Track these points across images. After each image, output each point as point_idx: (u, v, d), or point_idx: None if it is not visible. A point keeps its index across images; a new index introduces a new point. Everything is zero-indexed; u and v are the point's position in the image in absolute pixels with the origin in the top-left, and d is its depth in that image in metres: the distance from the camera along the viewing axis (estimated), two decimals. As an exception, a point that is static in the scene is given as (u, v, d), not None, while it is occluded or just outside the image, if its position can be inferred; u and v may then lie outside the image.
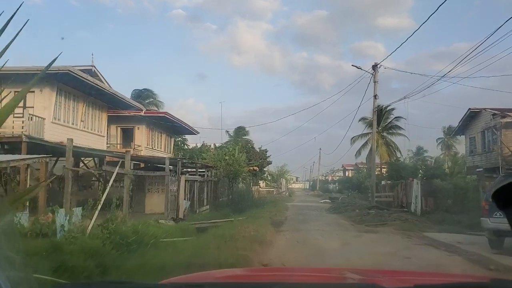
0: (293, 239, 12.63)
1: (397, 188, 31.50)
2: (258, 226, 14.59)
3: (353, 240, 12.70)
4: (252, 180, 43.14)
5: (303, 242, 11.81)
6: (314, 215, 22.53)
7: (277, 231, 14.79)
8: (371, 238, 13.41)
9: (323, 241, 12.17)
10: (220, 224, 16.60)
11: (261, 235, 12.19)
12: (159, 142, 34.25)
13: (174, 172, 19.95)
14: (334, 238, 13.26)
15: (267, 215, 20.57)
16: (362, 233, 14.96)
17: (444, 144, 70.22)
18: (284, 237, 13.00)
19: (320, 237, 13.20)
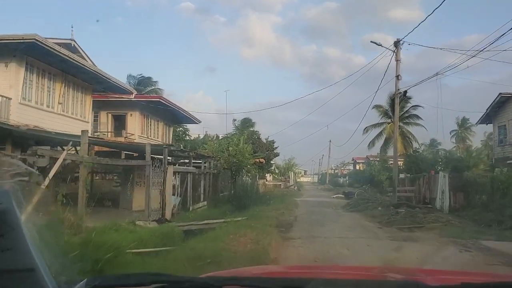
0: (309, 255, 8.48)
1: (419, 182, 27.63)
2: (260, 231, 10.55)
3: (395, 255, 8.54)
4: (258, 173, 39.06)
5: (324, 260, 7.66)
6: (329, 214, 18.39)
7: (285, 239, 10.70)
8: (418, 251, 9.27)
9: (353, 259, 8.08)
10: (214, 226, 12.63)
11: (261, 248, 8.14)
12: (155, 130, 30.24)
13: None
14: (366, 251, 9.16)
15: (273, 214, 16.50)
16: (399, 241, 10.81)
17: (458, 136, 66.11)
18: (295, 251, 8.85)
19: (345, 251, 9.10)
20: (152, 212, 14.43)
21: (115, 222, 11.25)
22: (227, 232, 9.91)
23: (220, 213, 18.11)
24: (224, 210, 20.21)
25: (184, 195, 18.06)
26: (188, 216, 15.89)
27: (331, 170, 79.32)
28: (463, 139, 64.82)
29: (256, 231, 10.54)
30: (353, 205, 20.70)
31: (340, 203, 24.88)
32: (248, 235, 9.50)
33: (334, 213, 18.41)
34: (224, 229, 10.57)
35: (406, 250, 9.36)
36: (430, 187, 24.73)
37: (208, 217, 16.03)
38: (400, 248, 9.52)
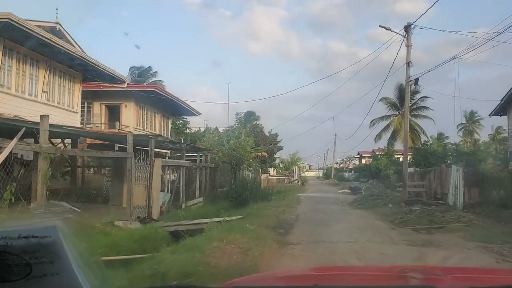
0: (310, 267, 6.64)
1: (429, 176, 25.82)
2: (254, 235, 8.71)
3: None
4: (261, 167, 37.24)
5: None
6: (335, 211, 16.45)
7: (282, 244, 8.80)
8: (444, 261, 7.39)
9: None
10: (204, 227, 10.82)
11: (250, 260, 6.28)
12: (152, 122, 28.43)
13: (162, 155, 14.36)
14: (381, 263, 7.29)
15: (273, 212, 14.67)
16: (419, 247, 8.90)
17: (466, 130, 64.00)
18: (293, 263, 6.93)
19: (355, 261, 7.23)
20: (135, 210, 12.65)
21: (88, 223, 9.62)
22: (213, 237, 8.07)
23: (216, 211, 16.37)
24: (221, 207, 18.46)
25: (176, 191, 16.27)
26: (179, 214, 14.10)
27: (336, 165, 77.26)
28: (471, 132, 62.87)
29: (249, 234, 8.71)
30: (360, 202, 18.81)
31: (346, 199, 22.97)
32: (237, 241, 7.67)
33: (340, 211, 16.50)
34: (210, 234, 8.73)
35: (430, 260, 7.48)
36: (442, 182, 23.00)
37: (201, 216, 14.24)
38: (422, 257, 7.65)
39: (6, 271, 1.11)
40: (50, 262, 1.11)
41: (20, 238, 1.09)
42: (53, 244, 1.11)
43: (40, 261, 1.11)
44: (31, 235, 1.10)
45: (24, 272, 1.12)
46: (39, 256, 1.11)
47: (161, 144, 15.34)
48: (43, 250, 1.11)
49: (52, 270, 1.12)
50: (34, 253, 1.11)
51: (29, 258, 1.11)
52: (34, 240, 1.10)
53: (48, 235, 1.11)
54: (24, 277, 1.12)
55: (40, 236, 1.11)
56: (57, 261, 1.12)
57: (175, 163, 15.85)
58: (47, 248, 1.11)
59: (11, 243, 1.08)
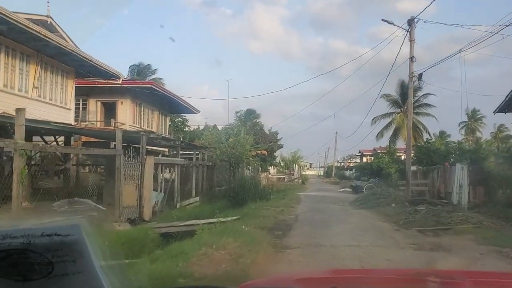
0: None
1: (432, 174, 24.95)
2: (247, 239, 7.98)
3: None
4: (261, 165, 36.50)
5: None
6: (336, 211, 15.66)
7: (279, 248, 8.02)
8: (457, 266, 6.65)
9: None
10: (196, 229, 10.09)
11: (240, 269, 5.53)
12: (149, 120, 27.69)
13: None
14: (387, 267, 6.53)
15: (271, 212, 13.95)
16: (427, 252, 8.12)
17: (468, 128, 63.13)
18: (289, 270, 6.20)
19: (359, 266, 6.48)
20: (125, 211, 11.93)
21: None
22: (202, 241, 7.32)
23: (212, 211, 15.66)
24: (218, 207, 17.76)
25: (170, 190, 15.53)
26: (173, 215, 13.41)
27: (337, 163, 76.36)
28: (473, 130, 62.03)
29: (242, 238, 7.96)
30: (362, 201, 18.04)
31: (347, 198, 22.21)
32: (228, 246, 6.92)
33: (342, 211, 15.73)
34: (200, 237, 7.97)
35: (441, 267, 6.72)
36: (445, 181, 22.20)
37: (196, 216, 13.51)
38: (432, 264, 6.88)
39: (28, 270, 1.09)
40: (72, 261, 1.09)
41: (43, 236, 1.06)
42: (76, 242, 1.08)
43: (62, 259, 1.09)
44: (54, 233, 1.07)
45: (46, 271, 1.09)
46: (61, 255, 1.08)
47: (155, 141, 14.58)
48: (66, 248, 1.08)
49: (74, 269, 1.10)
50: (57, 252, 1.08)
51: (51, 257, 1.08)
52: (57, 238, 1.06)
53: (72, 233, 1.08)
54: (46, 276, 1.10)
55: (63, 234, 1.07)
56: (79, 260, 1.09)
57: (169, 161, 15.11)
58: (70, 246, 1.08)
59: (33, 241, 1.05)
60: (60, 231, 1.07)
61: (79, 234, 1.08)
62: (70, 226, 1.09)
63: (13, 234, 1.06)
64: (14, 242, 1.05)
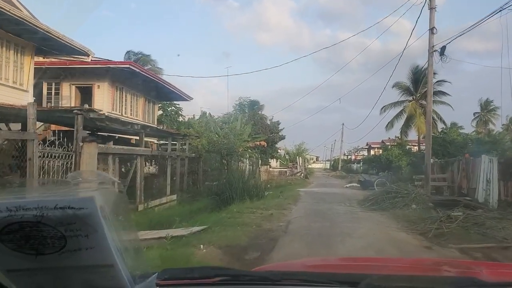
0: None
1: (452, 168, 21.32)
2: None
3: None
4: (261, 158, 32.78)
5: None
6: (341, 216, 11.58)
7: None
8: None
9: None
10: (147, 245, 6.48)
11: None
12: (133, 107, 24.02)
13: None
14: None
15: (255, 218, 10.24)
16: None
17: (480, 120, 59.23)
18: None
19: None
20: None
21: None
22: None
23: (189, 213, 12.22)
24: (199, 207, 14.24)
25: (132, 188, 11.90)
26: (134, 220, 9.72)
27: (343, 156, 72.23)
28: (485, 122, 58.17)
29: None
30: (374, 200, 14.23)
31: (355, 196, 18.37)
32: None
33: (349, 215, 11.76)
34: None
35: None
36: (468, 175, 18.64)
37: (160, 222, 9.89)
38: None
39: (41, 243, 1.04)
40: (85, 236, 1.04)
41: (56, 209, 1.00)
42: (89, 216, 1.02)
43: (75, 233, 1.03)
44: (67, 205, 1.01)
45: (58, 245, 1.05)
46: (74, 229, 1.03)
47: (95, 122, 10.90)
48: (79, 222, 1.02)
49: (87, 244, 1.05)
50: (70, 225, 1.02)
51: (64, 231, 1.03)
52: (71, 212, 1.01)
53: (85, 206, 1.01)
54: (59, 251, 1.05)
55: (76, 207, 1.01)
56: (92, 235, 1.04)
57: (125, 150, 11.36)
58: (83, 220, 1.02)
59: (46, 214, 1.00)
60: (73, 204, 1.01)
61: (92, 207, 1.01)
62: (83, 199, 1.04)
63: (26, 206, 1.00)
64: (27, 214, 0.99)
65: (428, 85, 17.51)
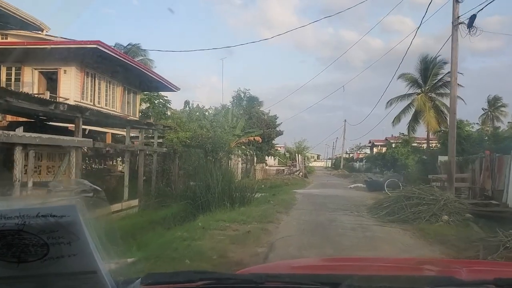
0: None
1: (472, 166, 18.03)
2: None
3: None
4: (257, 155, 29.25)
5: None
6: (348, 233, 7.83)
7: None
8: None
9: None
10: None
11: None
12: (109, 96, 20.53)
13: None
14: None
15: (224, 239, 6.76)
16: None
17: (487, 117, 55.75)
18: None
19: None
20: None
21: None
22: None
23: (138, 228, 8.74)
24: (163, 216, 10.78)
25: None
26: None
27: (345, 154, 68.41)
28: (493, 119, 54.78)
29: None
30: (389, 208, 10.49)
31: (362, 199, 14.78)
32: None
33: (359, 232, 7.92)
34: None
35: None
36: (493, 175, 15.32)
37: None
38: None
39: (23, 251, 1.02)
40: (68, 243, 1.01)
41: (38, 217, 0.98)
42: (72, 224, 0.99)
43: (58, 241, 1.01)
44: (49, 213, 0.98)
45: (41, 253, 1.02)
46: (57, 236, 1.01)
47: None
48: (61, 230, 1.00)
49: (69, 251, 1.02)
50: (52, 233, 1.00)
51: (46, 238, 1.00)
52: (53, 220, 0.98)
53: (67, 214, 0.99)
54: (41, 258, 1.03)
55: (58, 215, 0.98)
56: (75, 242, 1.01)
57: (44, 140, 7.77)
58: (66, 228, 1.00)
59: (29, 222, 0.98)
60: (55, 212, 0.98)
61: (75, 215, 0.99)
62: (65, 207, 1.00)
63: (8, 215, 0.98)
64: (9, 222, 0.97)
65: (452, 66, 13.91)
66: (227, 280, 1.44)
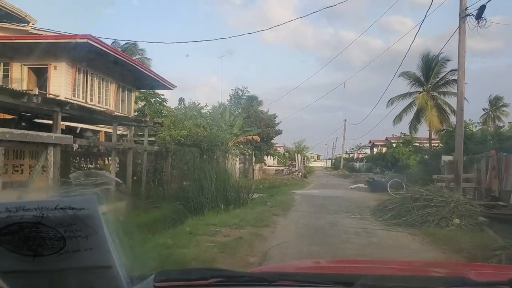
0: None
1: (478, 166, 16.90)
2: None
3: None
4: (255, 155, 28.43)
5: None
6: (352, 238, 6.97)
7: None
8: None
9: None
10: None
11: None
12: (102, 94, 19.68)
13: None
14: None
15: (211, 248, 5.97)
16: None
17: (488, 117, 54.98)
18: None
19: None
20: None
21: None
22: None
23: (127, 230, 7.69)
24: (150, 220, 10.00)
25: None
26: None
27: (345, 154, 67.47)
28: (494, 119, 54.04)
29: None
30: (394, 210, 9.64)
31: (364, 200, 13.97)
32: None
33: (363, 237, 6.94)
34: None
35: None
36: (500, 175, 14.29)
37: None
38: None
39: (40, 244, 0.98)
40: (85, 237, 0.98)
41: (56, 210, 0.95)
42: (89, 217, 0.97)
43: (75, 235, 0.98)
44: (68, 206, 0.95)
45: (57, 246, 0.99)
46: (74, 230, 0.98)
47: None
48: (79, 223, 0.97)
49: (86, 245, 1.00)
50: (70, 226, 0.97)
51: (64, 231, 0.98)
52: (71, 212, 0.95)
53: (86, 207, 0.96)
54: (57, 252, 0.99)
55: (77, 208, 0.96)
56: (92, 236, 0.99)
57: (17, 137, 6.85)
58: (83, 221, 0.97)
59: (47, 215, 0.95)
60: (74, 204, 0.95)
61: (93, 208, 0.97)
62: (84, 200, 0.97)
63: (26, 206, 0.94)
64: (27, 214, 0.94)
65: (459, 59, 13.07)
66: (239, 278, 1.41)
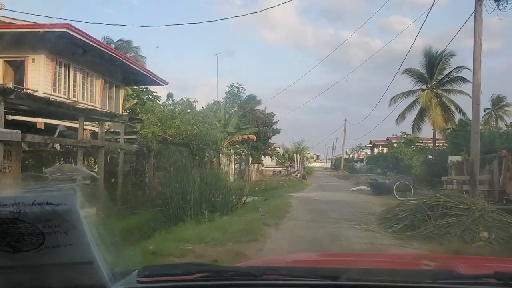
0: None
1: (490, 167, 15.56)
2: None
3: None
4: (252, 155, 26.87)
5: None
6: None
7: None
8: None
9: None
10: None
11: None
12: (86, 89, 18.20)
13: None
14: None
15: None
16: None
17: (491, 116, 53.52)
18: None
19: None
20: None
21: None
22: None
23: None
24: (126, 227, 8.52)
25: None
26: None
27: (346, 155, 65.81)
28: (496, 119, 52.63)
29: None
30: (406, 219, 8.11)
31: (369, 205, 12.39)
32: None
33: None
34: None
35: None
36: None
37: None
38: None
39: (18, 240, 0.97)
40: (64, 232, 0.97)
41: (34, 205, 0.94)
42: (68, 212, 0.95)
43: (54, 230, 0.96)
44: (45, 201, 0.94)
45: (36, 242, 0.98)
46: (53, 225, 0.96)
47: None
48: (57, 218, 0.96)
49: (65, 240, 0.99)
50: (48, 222, 0.96)
51: (42, 227, 0.96)
52: (49, 208, 0.94)
53: (64, 202, 0.95)
54: (37, 247, 0.98)
55: (55, 203, 0.94)
56: (71, 231, 0.97)
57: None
58: (62, 216, 0.96)
59: (24, 210, 0.93)
60: (51, 199, 0.93)
61: (71, 203, 0.95)
62: (62, 195, 0.96)
63: (3, 202, 0.93)
64: (4, 210, 0.92)
65: (475, 47, 11.52)
66: (225, 273, 1.37)
